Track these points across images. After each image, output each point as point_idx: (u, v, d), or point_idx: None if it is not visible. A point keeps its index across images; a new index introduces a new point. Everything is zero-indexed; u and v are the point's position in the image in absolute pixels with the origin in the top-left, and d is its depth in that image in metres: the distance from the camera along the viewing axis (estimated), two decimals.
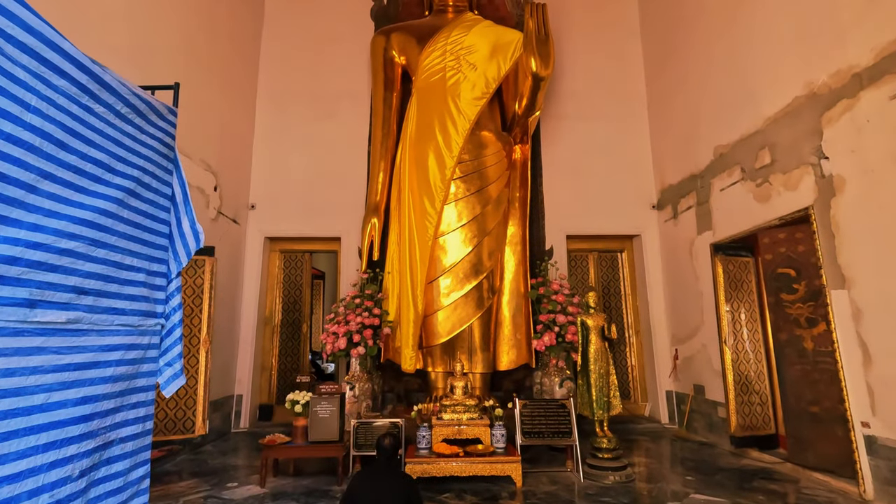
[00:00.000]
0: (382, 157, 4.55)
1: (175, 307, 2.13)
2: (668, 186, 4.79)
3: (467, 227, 4.09)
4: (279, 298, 5.09)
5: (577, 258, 5.27)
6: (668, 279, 4.77)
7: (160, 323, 2.05)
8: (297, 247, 5.17)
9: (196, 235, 2.13)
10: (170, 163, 2.16)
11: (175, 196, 2.15)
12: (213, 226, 4.15)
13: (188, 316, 3.65)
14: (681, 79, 4.52)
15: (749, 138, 3.46)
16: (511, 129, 4.50)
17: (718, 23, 3.87)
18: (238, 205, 4.73)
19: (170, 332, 2.10)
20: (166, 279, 2.10)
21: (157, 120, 2.08)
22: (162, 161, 2.09)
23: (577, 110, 5.24)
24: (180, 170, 2.19)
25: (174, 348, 2.08)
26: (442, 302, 4.04)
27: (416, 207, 4.10)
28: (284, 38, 5.35)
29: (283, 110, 5.18)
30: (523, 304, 4.23)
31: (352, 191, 4.86)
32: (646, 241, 4.97)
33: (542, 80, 3.82)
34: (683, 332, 4.47)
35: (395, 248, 4.30)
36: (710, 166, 4.00)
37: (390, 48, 4.69)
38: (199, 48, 4.00)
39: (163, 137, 2.11)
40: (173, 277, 2.14)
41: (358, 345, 3.81)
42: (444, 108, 4.20)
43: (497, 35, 4.36)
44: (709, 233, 4.01)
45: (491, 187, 4.20)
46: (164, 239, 2.09)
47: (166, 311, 2.10)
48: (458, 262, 4.04)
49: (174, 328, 2.11)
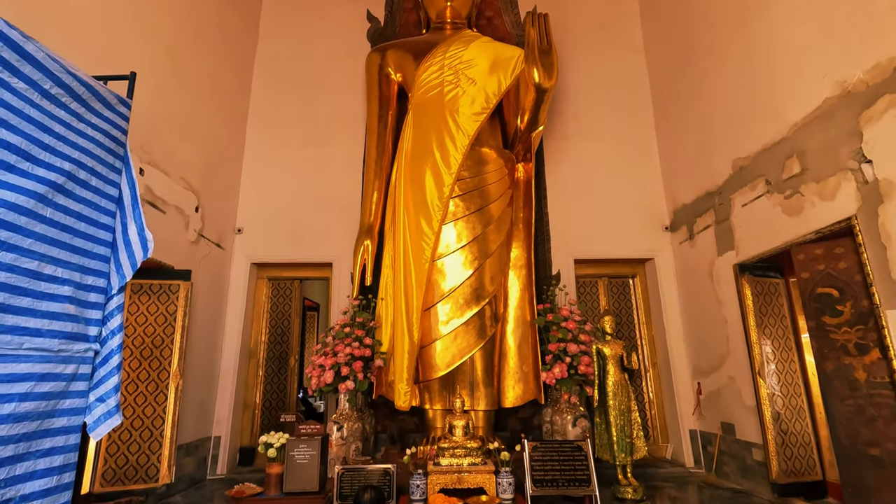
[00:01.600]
0: (377, 176, 4.29)
1: (114, 330, 1.77)
2: (681, 206, 4.49)
3: (467, 249, 3.77)
4: (265, 329, 4.71)
5: (586, 284, 4.91)
6: (686, 305, 4.40)
7: (92, 349, 1.68)
8: (286, 273, 4.83)
9: (144, 244, 1.78)
10: (118, 160, 1.84)
11: (122, 198, 1.82)
12: (192, 249, 3.83)
13: (157, 347, 3.28)
14: (689, 93, 4.29)
15: (773, 148, 3.18)
16: (513, 146, 4.24)
17: (728, 31, 3.67)
18: (223, 228, 4.43)
19: (105, 359, 1.73)
20: (104, 295, 1.74)
21: (102, 109, 1.76)
22: (106, 156, 1.76)
23: (581, 129, 5.01)
24: (131, 169, 1.87)
25: (109, 380, 1.70)
26: (440, 330, 3.67)
27: (411, 228, 3.79)
28: (279, 59, 5.19)
29: (275, 131, 4.96)
30: (530, 332, 3.86)
31: (345, 215, 4.57)
32: (660, 264, 4.62)
33: (545, 91, 3.59)
34: (707, 364, 4.06)
35: (388, 273, 3.97)
36: (728, 181, 3.71)
37: (386, 65, 4.50)
38: (184, 64, 3.79)
39: (109, 130, 1.79)
40: (114, 293, 1.78)
41: (346, 378, 3.42)
42: (442, 123, 3.96)
43: (497, 50, 4.18)
44: (731, 253, 3.67)
45: (492, 206, 3.90)
46: (104, 247, 1.75)
47: (102, 334, 1.74)
48: (458, 286, 3.70)
49: (111, 355, 1.73)
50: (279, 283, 4.88)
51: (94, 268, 1.66)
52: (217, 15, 4.33)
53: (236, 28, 4.71)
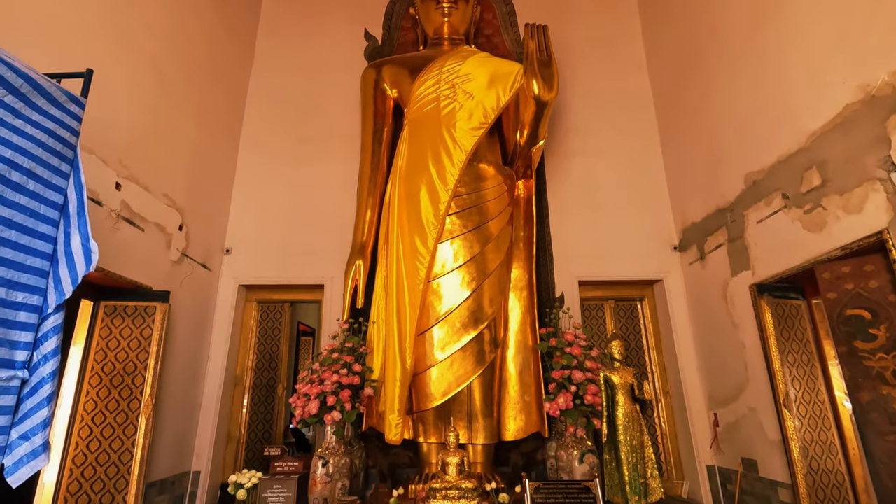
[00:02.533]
0: (370, 194, 4.11)
1: (48, 354, 1.54)
2: (690, 225, 4.27)
3: (465, 269, 3.54)
4: (253, 355, 4.46)
5: (591, 308, 4.66)
6: (698, 330, 4.12)
7: (18, 377, 1.44)
8: (276, 296, 4.61)
9: (87, 255, 1.57)
10: (64, 163, 1.64)
11: (68, 205, 1.62)
12: (173, 269, 3.62)
13: (129, 374, 3.04)
14: (695, 108, 4.13)
15: (790, 159, 2.98)
16: (513, 162, 4.06)
17: (736, 42, 3.52)
18: (210, 248, 4.24)
19: (34, 389, 1.50)
20: (38, 314, 1.52)
21: (47, 106, 1.57)
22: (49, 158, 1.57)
23: (583, 147, 4.84)
24: (80, 174, 1.67)
25: (37, 413, 1.47)
26: (435, 356, 3.41)
27: (405, 247, 3.58)
28: (274, 78, 5.10)
29: (268, 149, 4.83)
30: (532, 358, 3.60)
31: (338, 235, 4.36)
32: (669, 286, 4.37)
33: (545, 105, 3.42)
34: (723, 393, 3.76)
35: (381, 294, 3.74)
36: (741, 197, 3.49)
37: (381, 80, 4.38)
38: (171, 79, 3.66)
39: (55, 129, 1.59)
40: (51, 312, 1.56)
41: (333, 409, 3.16)
42: (439, 138, 3.80)
43: (496, 65, 4.05)
44: (747, 273, 3.43)
45: (491, 224, 3.69)
46: (42, 259, 1.53)
47: (32, 359, 1.51)
48: (455, 308, 3.46)
49: (41, 384, 1.50)
50: (268, 306, 4.65)
51: (27, 282, 1.45)
52: (208, 33, 4.23)
53: (229, 47, 4.62)
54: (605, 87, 5.04)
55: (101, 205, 2.85)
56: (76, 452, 2.84)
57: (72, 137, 1.71)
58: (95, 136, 2.81)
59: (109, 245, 2.92)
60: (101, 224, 2.85)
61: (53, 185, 1.60)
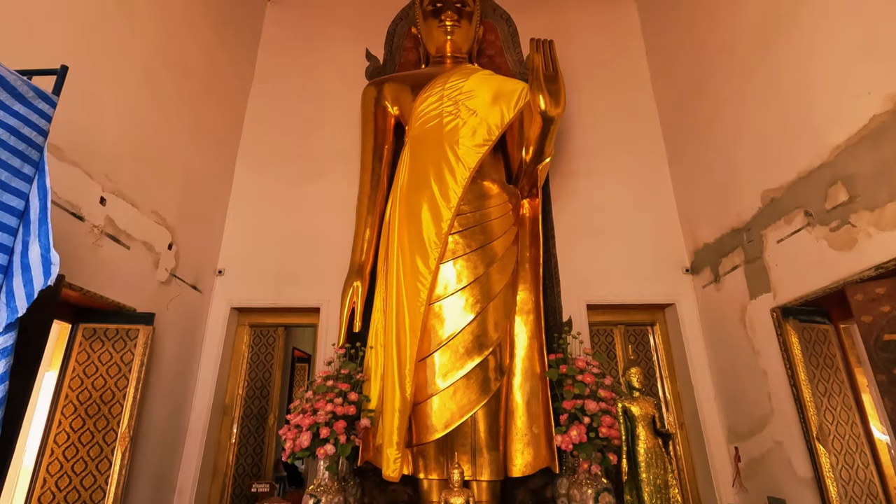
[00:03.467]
0: (370, 212, 3.95)
1: None
2: (702, 246, 4.10)
3: (468, 291, 3.35)
4: (243, 382, 4.22)
5: (600, 333, 4.44)
6: (715, 357, 3.90)
7: None
8: (270, 320, 4.39)
9: (47, 268, 1.40)
10: (28, 165, 1.48)
11: (29, 212, 1.44)
12: (160, 290, 3.43)
13: (106, 403, 2.81)
14: (704, 126, 4.02)
15: (812, 175, 2.83)
16: (518, 180, 3.93)
17: (748, 58, 3.43)
18: (202, 269, 4.05)
19: None
20: None
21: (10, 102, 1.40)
22: (9, 158, 1.40)
23: (588, 167, 4.72)
24: (45, 178, 1.51)
25: None
26: (437, 384, 3.19)
27: (406, 267, 3.40)
28: (274, 97, 5.02)
29: (266, 168, 4.70)
30: (540, 387, 3.37)
31: (336, 256, 4.18)
32: (682, 310, 4.17)
33: (551, 120, 3.30)
34: (745, 426, 3.52)
35: (379, 317, 3.53)
36: (758, 216, 3.34)
37: (382, 98, 4.28)
38: (165, 95, 3.55)
39: (18, 127, 1.43)
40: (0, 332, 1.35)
41: (326, 441, 2.91)
42: (441, 155, 3.66)
43: (499, 82, 3.96)
44: (767, 296, 3.24)
45: (496, 243, 3.52)
46: None
47: None
48: (458, 333, 3.25)
49: None
50: (261, 330, 4.43)
51: None
52: (206, 51, 4.15)
53: (227, 65, 4.54)
54: (610, 107, 4.96)
55: (82, 220, 2.68)
56: (43, 490, 2.59)
57: (38, 137, 1.54)
58: (80, 148, 2.67)
59: (90, 263, 2.74)
60: (82, 240, 2.68)
61: (13, 189, 1.43)
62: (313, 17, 5.43)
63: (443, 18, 4.35)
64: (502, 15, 5.38)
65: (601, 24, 5.36)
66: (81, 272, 2.68)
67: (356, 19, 5.38)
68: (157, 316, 3.25)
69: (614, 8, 5.44)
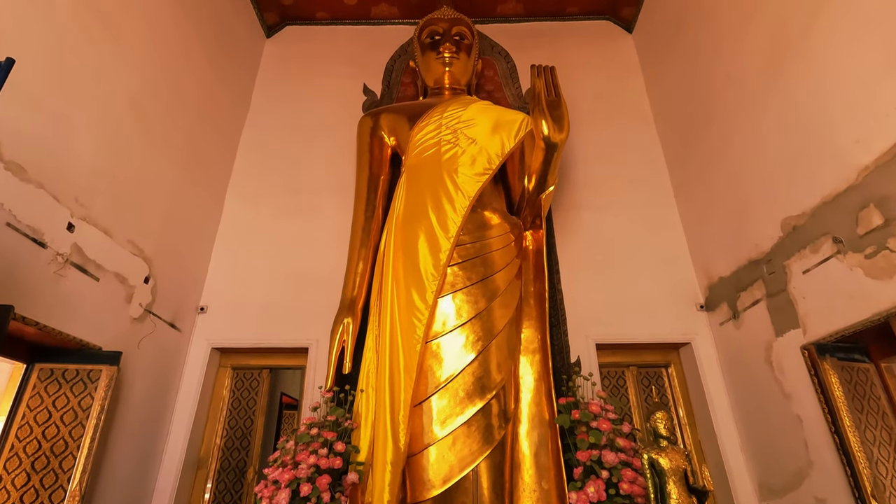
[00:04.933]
0: (363, 244, 3.72)
1: None
2: (717, 280, 3.85)
3: (469, 327, 3.07)
4: (222, 431, 3.84)
5: (611, 375, 4.11)
6: (739, 401, 3.57)
7: None
8: (254, 361, 4.07)
9: None
10: None
11: None
12: (133, 327, 3.14)
13: (58, 455, 2.47)
14: (712, 157, 3.87)
15: (838, 199, 2.63)
16: (520, 210, 3.72)
17: (757, 85, 3.31)
18: (182, 306, 3.77)
19: None
20: None
21: None
22: None
23: (592, 200, 4.54)
24: None
25: None
26: (435, 433, 2.84)
27: (401, 302, 3.13)
28: (269, 129, 4.91)
29: (258, 201, 4.51)
30: (549, 435, 3.02)
31: (326, 292, 3.90)
32: (699, 350, 3.87)
33: (555, 146, 3.15)
34: (779, 480, 3.14)
35: (371, 357, 3.23)
36: (778, 245, 3.11)
37: (379, 128, 4.15)
38: (151, 121, 3.40)
39: None
40: None
41: (307, 500, 2.54)
42: (439, 184, 3.48)
43: (499, 112, 3.83)
44: (795, 332, 2.97)
45: (498, 276, 3.27)
46: None
47: None
48: (458, 374, 2.94)
49: None
50: (245, 373, 4.09)
51: None
52: (200, 82, 4.05)
53: (222, 96, 4.45)
54: (612, 140, 4.85)
55: (44, 247, 2.43)
56: None
57: None
58: (48, 170, 2.47)
59: (50, 295, 2.48)
60: (42, 270, 2.42)
61: None
62: (312, 53, 5.41)
63: (441, 50, 4.29)
64: (500, 52, 5.38)
65: (599, 61, 5.35)
66: (40, 305, 2.41)
67: (355, 56, 5.37)
68: (126, 356, 2.95)
69: (612, 44, 5.45)
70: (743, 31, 3.46)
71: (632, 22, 5.42)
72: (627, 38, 5.49)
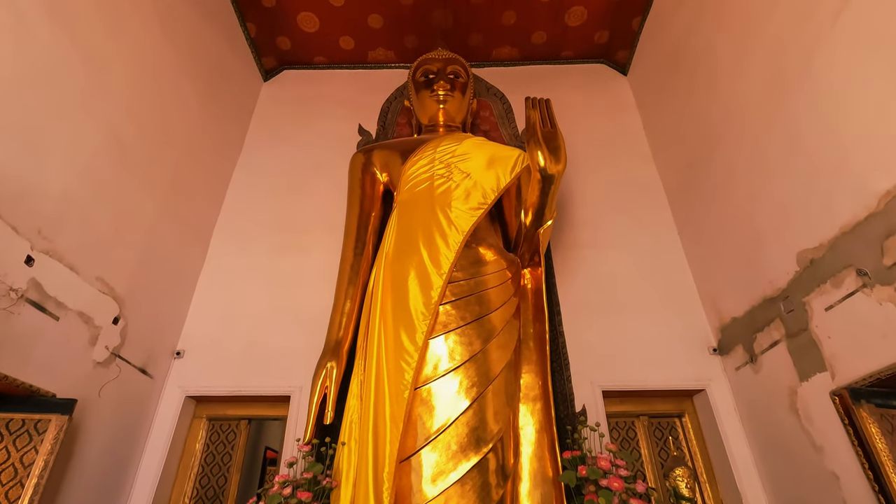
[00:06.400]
0: (351, 283, 3.49)
1: None
2: (730, 321, 3.60)
3: (463, 371, 2.79)
4: (192, 491, 3.47)
5: (620, 426, 3.78)
6: (763, 455, 3.23)
7: None
8: (232, 411, 3.75)
9: None
10: None
11: None
12: (95, 372, 2.87)
13: None
14: (716, 193, 3.74)
15: (859, 228, 2.44)
16: (517, 247, 3.53)
17: (759, 118, 3.22)
18: (155, 349, 3.51)
19: None
20: None
21: None
22: None
23: (593, 238, 4.37)
24: None
25: None
26: (424, 492, 2.51)
27: (388, 343, 2.87)
28: (262, 168, 4.83)
29: (245, 240, 4.34)
30: (554, 495, 2.69)
31: (314, 337, 3.59)
32: (715, 398, 3.56)
33: (552, 178, 3.00)
34: None
35: (355, 405, 2.94)
36: (796, 281, 2.89)
37: (371, 164, 4.03)
38: (134, 152, 3.29)
39: None
40: None
41: None
42: (432, 218, 3.31)
43: (494, 148, 3.74)
44: (822, 376, 2.69)
45: (494, 315, 3.03)
46: None
47: None
48: (450, 424, 2.64)
49: None
50: (221, 425, 3.76)
51: None
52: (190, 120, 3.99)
53: (214, 135, 4.37)
54: (611, 178, 4.74)
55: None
56: None
57: None
58: (8, 199, 2.30)
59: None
60: None
61: None
62: (308, 95, 5.43)
63: (435, 88, 4.25)
64: (496, 93, 5.38)
65: (595, 101, 5.34)
66: None
67: (351, 98, 5.38)
68: (84, 404, 2.68)
69: (607, 86, 5.47)
70: (740, 64, 3.40)
71: (626, 64, 5.46)
72: (622, 79, 5.51)
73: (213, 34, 4.39)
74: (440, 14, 5.18)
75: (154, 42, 3.54)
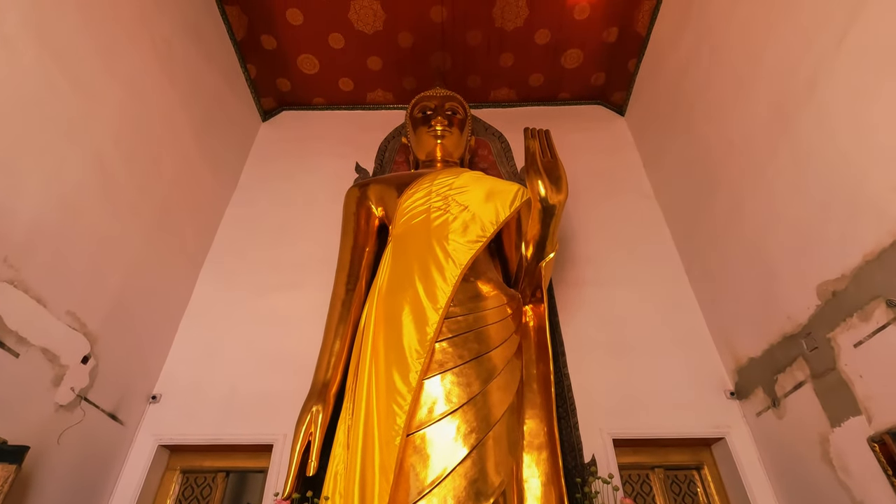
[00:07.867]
0: (342, 320, 3.28)
1: None
2: (747, 362, 3.37)
3: (461, 415, 2.54)
4: None
5: (633, 479, 3.45)
6: None
7: None
8: (209, 462, 3.43)
9: None
10: None
11: None
12: (56, 416, 2.61)
13: None
14: (725, 226, 3.61)
15: (885, 255, 2.27)
16: (518, 282, 3.36)
17: (764, 148, 3.13)
18: (129, 393, 3.25)
19: None
20: None
21: None
22: None
23: (597, 276, 4.19)
24: None
25: None
26: None
27: (379, 384, 2.64)
28: (255, 205, 4.73)
29: (234, 278, 4.16)
30: None
31: (301, 380, 3.30)
32: (735, 447, 3.26)
33: (553, 208, 2.88)
34: None
35: (341, 454, 2.65)
36: (818, 316, 2.70)
37: (366, 198, 3.92)
38: (121, 183, 3.18)
39: None
40: None
41: None
42: (428, 252, 3.15)
43: (492, 182, 3.65)
44: (858, 419, 2.44)
45: (495, 354, 2.81)
46: None
47: None
48: (447, 475, 2.36)
49: None
50: (196, 478, 3.43)
51: None
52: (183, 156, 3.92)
53: (206, 173, 4.29)
54: (613, 215, 4.63)
55: None
56: None
57: None
58: None
59: None
60: None
61: None
62: (306, 134, 5.42)
63: (433, 124, 4.22)
64: (494, 133, 5.38)
65: (593, 141, 5.31)
66: None
67: (349, 137, 5.36)
68: (40, 452, 2.41)
69: (604, 125, 5.47)
70: (741, 95, 3.36)
71: (623, 105, 5.49)
72: (620, 120, 5.53)
73: (212, 74, 4.40)
74: (439, 56, 5.25)
75: (152, 79, 3.51)
